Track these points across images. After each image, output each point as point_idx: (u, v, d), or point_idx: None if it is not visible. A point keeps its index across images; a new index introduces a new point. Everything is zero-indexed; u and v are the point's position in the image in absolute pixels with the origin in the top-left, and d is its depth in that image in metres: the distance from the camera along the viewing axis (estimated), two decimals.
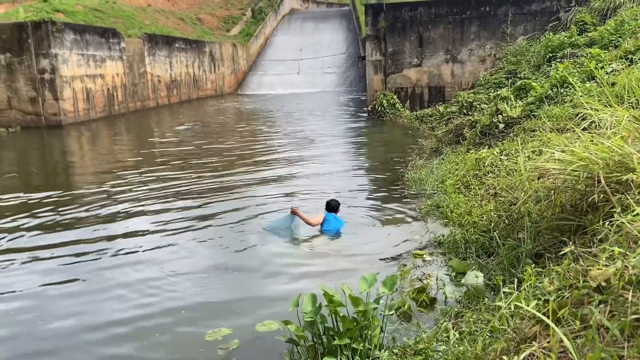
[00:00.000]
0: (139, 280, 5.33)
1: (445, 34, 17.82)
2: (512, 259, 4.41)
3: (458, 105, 14.02)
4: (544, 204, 4.40)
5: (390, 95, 18.09)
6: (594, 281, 2.55)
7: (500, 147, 7.59)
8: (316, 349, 3.57)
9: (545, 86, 9.49)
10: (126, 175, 10.33)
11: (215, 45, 31.66)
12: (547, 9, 16.89)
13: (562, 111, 7.47)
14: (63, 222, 7.36)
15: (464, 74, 17.94)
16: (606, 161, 3.63)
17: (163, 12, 31.37)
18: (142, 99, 23.77)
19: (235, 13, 37.27)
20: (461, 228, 5.79)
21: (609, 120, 4.39)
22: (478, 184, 6.83)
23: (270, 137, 15.65)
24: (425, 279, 4.80)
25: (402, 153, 11.18)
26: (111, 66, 21.24)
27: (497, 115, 9.31)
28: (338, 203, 6.73)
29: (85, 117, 19.46)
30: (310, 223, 6.47)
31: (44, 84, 17.94)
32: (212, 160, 11.75)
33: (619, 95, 5.93)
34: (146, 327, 4.40)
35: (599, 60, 9.19)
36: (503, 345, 2.70)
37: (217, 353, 3.90)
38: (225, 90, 33.17)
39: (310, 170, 10.40)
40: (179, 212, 7.66)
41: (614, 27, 11.65)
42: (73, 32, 18.85)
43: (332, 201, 6.72)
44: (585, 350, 2.23)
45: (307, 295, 3.61)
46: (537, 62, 14.05)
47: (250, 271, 5.53)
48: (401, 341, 3.69)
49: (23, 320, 4.61)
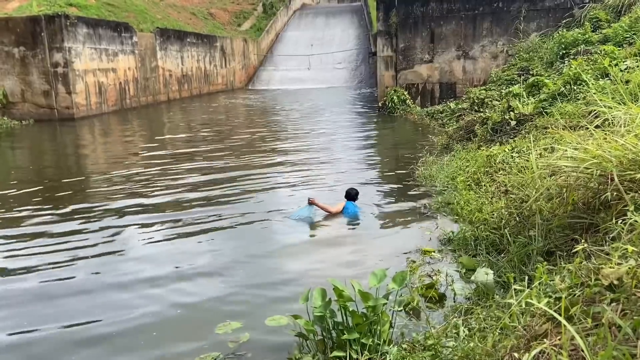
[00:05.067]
0: (149, 272, 5.38)
1: (457, 30, 17.70)
2: (522, 256, 4.39)
3: (469, 102, 13.92)
4: (556, 202, 4.37)
5: (401, 92, 18.02)
6: (606, 279, 2.54)
7: (512, 145, 7.54)
8: (325, 344, 3.59)
9: (558, 83, 9.40)
10: (138, 168, 10.40)
11: (227, 40, 31.72)
12: (561, 5, 16.70)
13: (575, 108, 7.40)
14: (74, 213, 7.44)
15: (476, 71, 17.82)
16: (619, 159, 3.60)
17: (175, 7, 31.47)
18: (153, 93, 23.90)
19: (246, 8, 37.30)
20: (471, 225, 5.77)
21: (623, 118, 4.35)
22: (489, 181, 6.80)
23: (280, 131, 15.67)
24: (434, 276, 4.79)
25: (413, 149, 11.15)
26: (123, 60, 21.37)
27: (508, 112, 9.24)
28: (357, 192, 7.18)
29: (97, 111, 19.62)
30: (329, 211, 6.90)
31: (57, 78, 18.10)
32: (223, 154, 11.80)
33: (633, 93, 5.88)
34: (155, 320, 4.44)
35: (613, 58, 9.09)
36: (513, 342, 2.70)
37: (227, 346, 3.93)
38: (235, 85, 33.26)
39: (321, 165, 10.41)
40: (191, 205, 7.71)
41: (629, 23, 11.51)
42: (86, 26, 18.98)
43: (352, 190, 7.17)
44: (597, 348, 2.22)
45: (317, 290, 3.63)
46: (550, 59, 13.92)
47: (261, 264, 5.56)
48: (410, 337, 3.70)
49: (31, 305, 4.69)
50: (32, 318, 4.53)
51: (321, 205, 6.88)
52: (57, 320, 4.46)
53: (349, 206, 7.02)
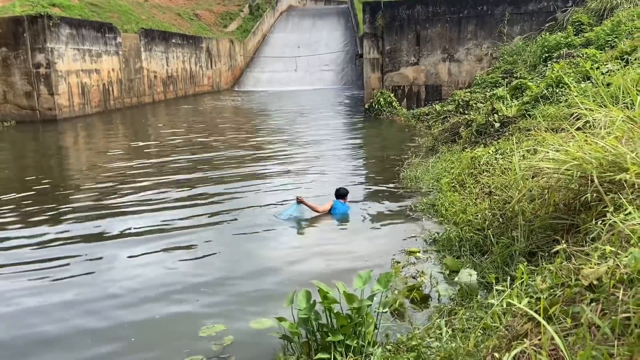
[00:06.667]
0: (132, 274, 5.33)
1: (443, 32, 17.84)
2: (505, 257, 4.43)
3: (454, 104, 14.04)
4: (538, 203, 4.42)
5: (387, 94, 18.10)
6: (586, 279, 2.57)
7: (496, 146, 7.61)
8: (310, 346, 3.58)
9: (540, 86, 9.51)
10: (121, 170, 10.30)
11: (212, 41, 31.56)
12: (544, 9, 16.92)
13: (557, 111, 7.50)
14: (56, 216, 7.34)
15: (461, 73, 17.96)
16: (600, 161, 3.65)
17: (160, 8, 31.24)
18: (138, 95, 23.69)
19: (232, 9, 37.16)
20: (456, 226, 5.81)
21: (603, 121, 4.41)
22: (473, 183, 6.86)
23: (266, 134, 15.63)
24: (419, 277, 4.81)
25: (399, 151, 11.19)
26: (107, 61, 21.15)
27: (492, 114, 9.33)
28: (347, 191, 7.26)
29: (80, 112, 19.39)
30: (317, 210, 6.94)
31: (39, 79, 17.86)
32: (208, 156, 11.73)
33: (614, 96, 5.96)
34: (139, 322, 4.40)
35: (595, 61, 9.22)
36: (495, 342, 2.72)
37: (211, 349, 3.91)
38: (222, 86, 33.10)
39: (307, 166, 10.40)
40: (174, 206, 7.65)
41: (611, 27, 11.69)
42: (69, 26, 18.76)
43: (341, 189, 7.27)
44: (576, 348, 2.25)
45: (302, 292, 3.62)
46: (533, 62, 14.09)
47: (246, 266, 5.53)
48: (395, 338, 3.71)
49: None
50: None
51: (309, 204, 6.92)
52: (34, 326, 4.40)
53: (337, 205, 7.07)
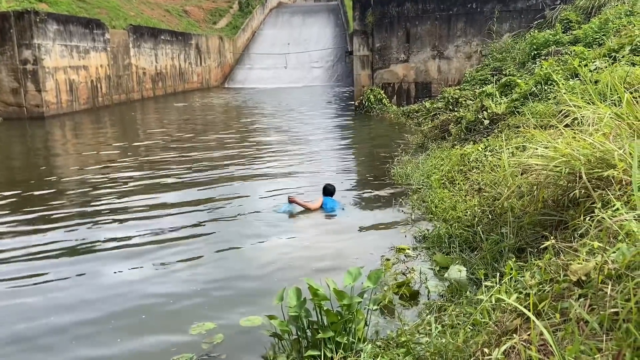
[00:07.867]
0: (122, 270, 5.29)
1: (432, 30, 17.88)
2: (495, 253, 4.46)
3: (444, 101, 14.07)
4: (527, 199, 4.44)
5: (377, 91, 18.11)
6: (574, 275, 2.58)
7: (485, 143, 7.64)
8: (300, 343, 3.57)
9: (529, 83, 9.56)
10: (109, 168, 10.21)
11: (202, 37, 31.39)
12: (533, 7, 17.02)
13: (545, 108, 7.54)
14: (45, 215, 7.26)
15: (451, 70, 18.02)
16: (588, 157, 3.67)
17: (149, 4, 30.99)
18: (126, 91, 23.50)
19: (222, 5, 36.97)
20: (445, 223, 5.83)
21: (591, 117, 4.44)
22: (463, 180, 6.88)
23: (255, 132, 15.58)
24: (408, 273, 4.82)
25: (389, 148, 11.21)
26: (95, 57, 20.95)
27: (482, 111, 9.37)
28: (334, 187, 7.43)
29: (68, 109, 19.19)
30: (309, 208, 7.03)
31: (26, 75, 17.64)
32: (196, 154, 11.67)
33: (602, 93, 6.00)
34: (130, 321, 4.37)
35: (583, 58, 9.28)
36: (484, 338, 2.73)
37: (201, 347, 3.89)
38: (211, 83, 32.94)
39: (297, 163, 10.38)
40: (165, 205, 7.61)
41: (598, 25, 11.77)
42: (56, 22, 18.54)
43: (329, 186, 7.41)
44: (565, 343, 2.26)
45: (292, 289, 3.61)
46: (522, 60, 14.16)
47: (236, 264, 5.51)
48: (385, 334, 3.71)
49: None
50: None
51: (301, 203, 7.02)
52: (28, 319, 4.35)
53: (327, 202, 7.17)
